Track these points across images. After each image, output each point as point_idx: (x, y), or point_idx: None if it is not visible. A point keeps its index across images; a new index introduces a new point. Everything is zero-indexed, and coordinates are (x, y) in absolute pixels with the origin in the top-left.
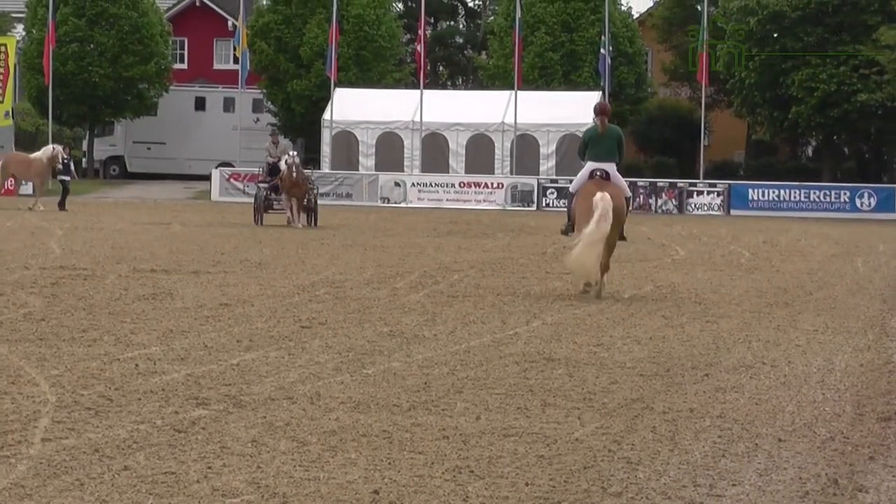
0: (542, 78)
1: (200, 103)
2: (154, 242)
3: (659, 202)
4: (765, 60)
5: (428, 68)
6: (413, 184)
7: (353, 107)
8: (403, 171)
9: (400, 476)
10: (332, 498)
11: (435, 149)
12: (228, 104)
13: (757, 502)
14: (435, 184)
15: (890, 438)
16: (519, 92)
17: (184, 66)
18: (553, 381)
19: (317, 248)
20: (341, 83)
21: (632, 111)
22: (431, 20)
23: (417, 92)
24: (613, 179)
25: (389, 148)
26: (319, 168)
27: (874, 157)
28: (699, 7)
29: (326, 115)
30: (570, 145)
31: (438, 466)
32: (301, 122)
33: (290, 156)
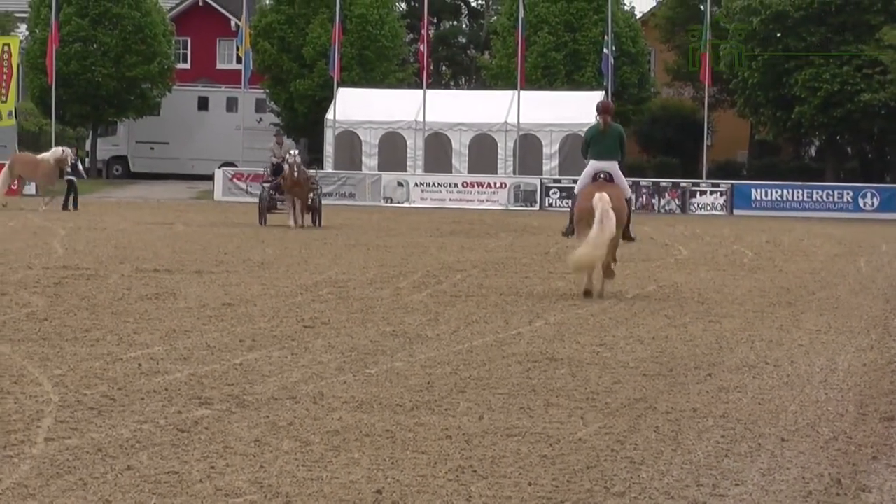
0: (545, 78)
1: (203, 103)
2: (157, 242)
3: (662, 202)
4: (768, 60)
5: (431, 68)
6: (416, 183)
7: (356, 107)
8: (406, 171)
9: (403, 476)
10: (335, 498)
11: (438, 149)
12: (231, 104)
13: (760, 502)
14: (438, 184)
15: (893, 438)
16: (522, 92)
17: (187, 66)
18: (556, 381)
19: (320, 248)
20: (344, 83)
21: (635, 111)
22: (434, 20)
23: (420, 92)
24: (616, 180)
25: (392, 148)
26: (322, 168)
27: (877, 157)
28: (702, 7)
29: (329, 115)
30: (573, 145)
31: (441, 466)
32: (304, 122)
33: (292, 155)
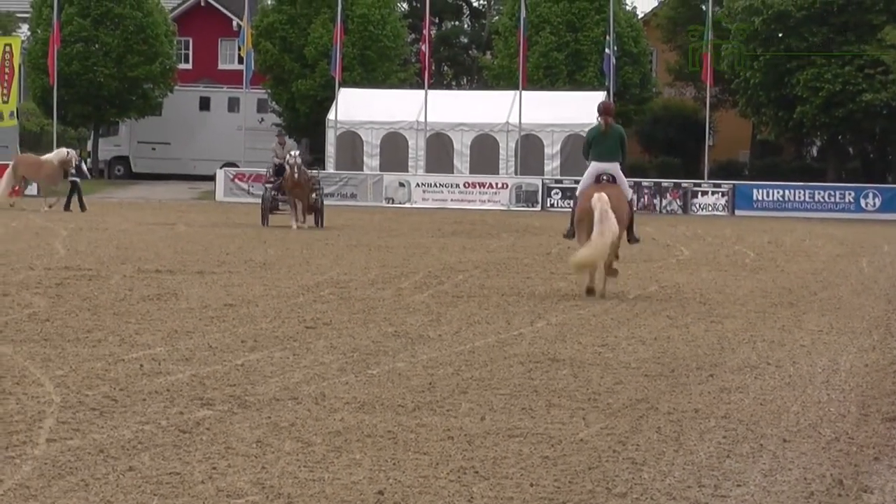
0: (547, 78)
1: (205, 103)
2: (159, 243)
3: (663, 202)
4: (770, 60)
5: (432, 68)
6: (417, 184)
7: (358, 107)
8: (408, 172)
9: (405, 476)
10: (337, 498)
11: (439, 149)
12: (233, 104)
13: (762, 503)
14: (439, 184)
15: (895, 439)
16: (523, 92)
17: (188, 66)
18: (558, 382)
19: (321, 249)
20: (346, 83)
21: (636, 111)
22: (436, 20)
23: (422, 92)
24: (619, 182)
25: (394, 148)
26: (324, 168)
27: (879, 157)
28: (704, 7)
29: (331, 116)
30: (575, 145)
31: (443, 467)
32: (305, 123)
33: (292, 156)
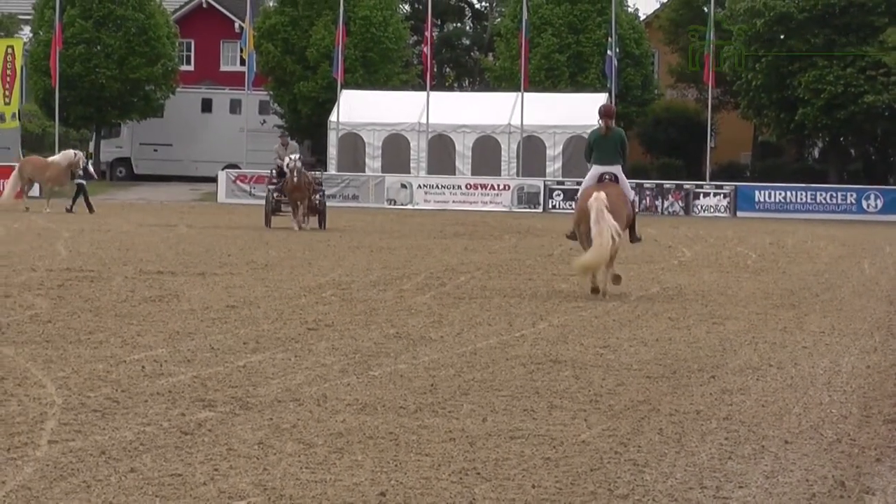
0: (549, 80)
1: (207, 105)
2: (160, 244)
3: (665, 204)
4: (771, 62)
5: (434, 70)
6: (419, 185)
7: (360, 108)
8: (410, 173)
9: (406, 478)
10: (339, 500)
11: (441, 150)
12: (235, 106)
13: None
14: (441, 186)
15: None
16: (525, 94)
17: (190, 68)
18: (559, 383)
19: (323, 250)
20: (348, 85)
21: (638, 113)
22: (438, 22)
23: (424, 94)
24: (620, 182)
25: (396, 150)
26: (326, 170)
27: (881, 159)
28: (706, 9)
29: (333, 117)
30: (577, 147)
31: (445, 468)
32: (307, 124)
33: (292, 160)
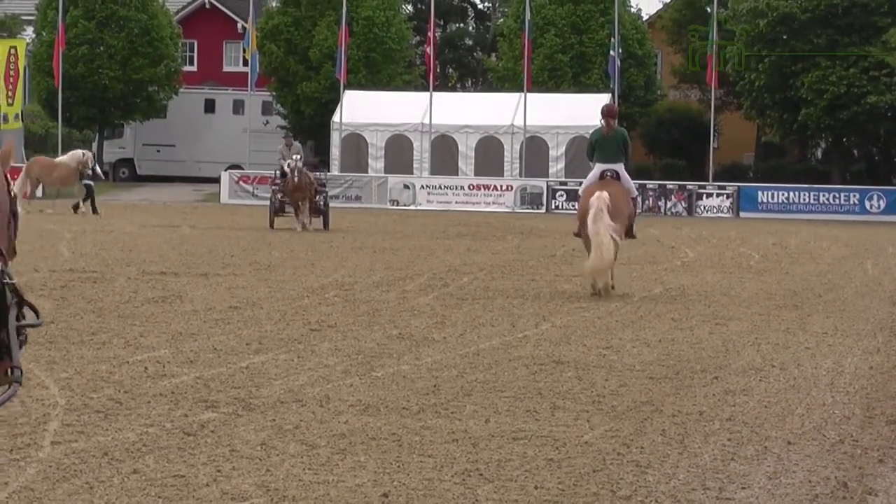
0: (552, 80)
1: (210, 105)
2: (163, 245)
3: (668, 204)
4: (774, 62)
5: (437, 70)
6: (422, 186)
7: (363, 109)
8: (413, 174)
9: (409, 479)
10: (342, 501)
11: (444, 151)
12: (238, 106)
13: None
14: (444, 186)
15: None
16: (528, 94)
17: (193, 69)
18: (562, 384)
19: (326, 251)
20: (351, 85)
21: (641, 113)
22: (441, 22)
23: (427, 94)
24: (622, 180)
25: (399, 150)
26: (329, 170)
27: (884, 160)
28: (709, 9)
29: (336, 118)
30: (580, 147)
31: (448, 469)
32: (310, 125)
33: (293, 160)
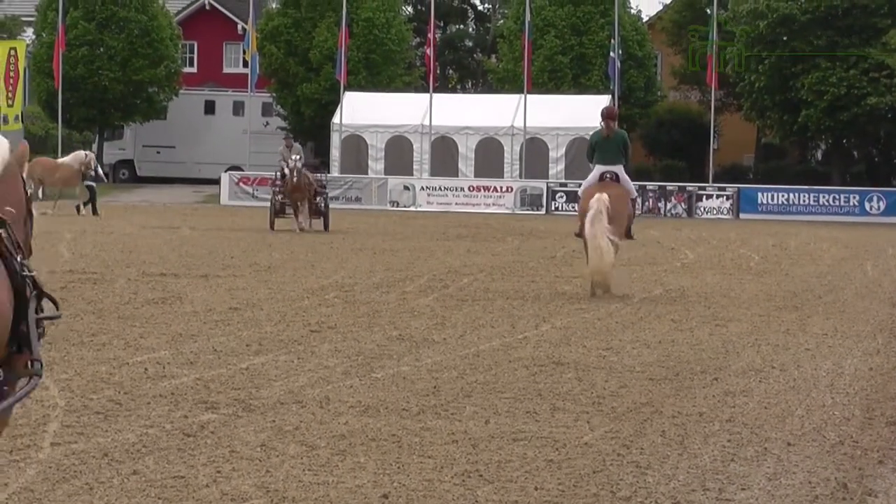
0: (552, 81)
1: (210, 107)
2: (163, 246)
3: (668, 206)
4: (774, 64)
5: (437, 72)
6: (422, 187)
7: (363, 110)
8: (413, 175)
9: (409, 480)
10: (342, 502)
11: (444, 152)
12: (238, 108)
13: None
14: (444, 187)
15: None
16: (528, 95)
17: (193, 70)
18: (562, 385)
19: (326, 252)
20: (351, 87)
21: (641, 114)
22: (441, 23)
23: (427, 95)
24: (622, 182)
25: (399, 152)
26: (329, 172)
27: (884, 161)
28: (709, 10)
29: (336, 119)
30: (580, 149)
31: (448, 470)
32: (310, 126)
33: (293, 160)
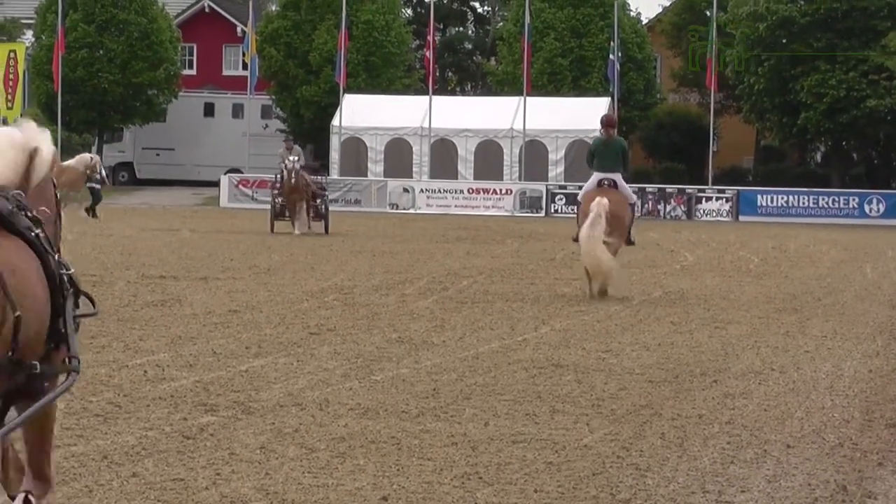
0: (551, 84)
1: (209, 109)
2: (163, 249)
3: (668, 208)
4: (774, 66)
5: (437, 74)
6: (422, 190)
7: (362, 113)
8: (412, 178)
9: (409, 482)
10: None
11: (444, 155)
12: (237, 110)
13: None
14: (443, 190)
15: None
16: (528, 98)
17: (193, 72)
18: (562, 388)
19: (325, 254)
20: (350, 89)
21: (640, 117)
22: (440, 26)
23: (426, 98)
24: (620, 188)
25: (398, 154)
26: (328, 174)
27: (883, 163)
28: (708, 13)
29: (335, 121)
30: (579, 151)
31: (447, 473)
32: (310, 129)
33: (290, 161)
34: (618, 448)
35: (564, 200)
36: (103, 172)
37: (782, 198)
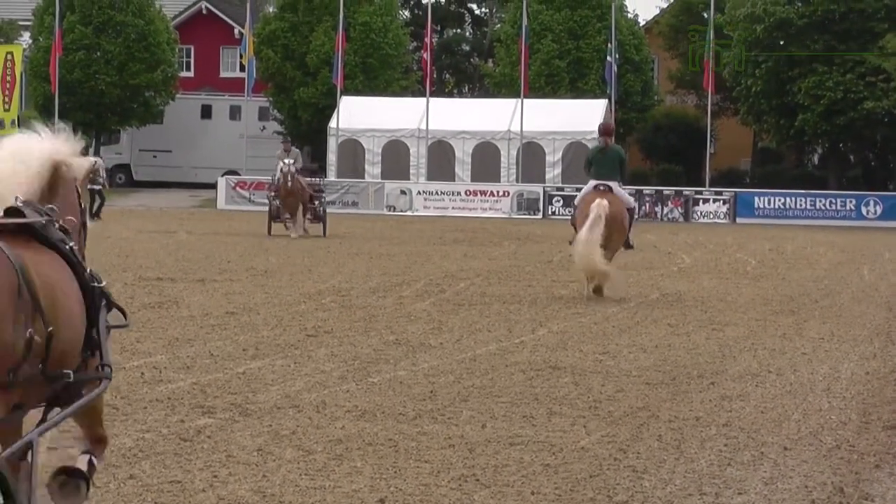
0: (549, 86)
1: (207, 111)
2: (160, 251)
3: (665, 210)
4: (771, 68)
5: (434, 76)
6: (419, 192)
7: (360, 115)
8: (409, 180)
9: (406, 485)
10: None
11: (441, 157)
12: (235, 112)
13: None
14: (441, 192)
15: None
16: (525, 100)
17: (190, 74)
18: (559, 390)
19: (323, 257)
20: (348, 91)
21: (638, 119)
22: (438, 28)
23: (424, 100)
24: (616, 192)
25: (395, 156)
26: (325, 176)
27: (880, 165)
28: (705, 14)
29: (332, 123)
30: (576, 153)
31: (444, 475)
32: (307, 130)
33: (286, 164)
34: (615, 450)
35: (562, 202)
36: (104, 173)
37: (779, 200)
